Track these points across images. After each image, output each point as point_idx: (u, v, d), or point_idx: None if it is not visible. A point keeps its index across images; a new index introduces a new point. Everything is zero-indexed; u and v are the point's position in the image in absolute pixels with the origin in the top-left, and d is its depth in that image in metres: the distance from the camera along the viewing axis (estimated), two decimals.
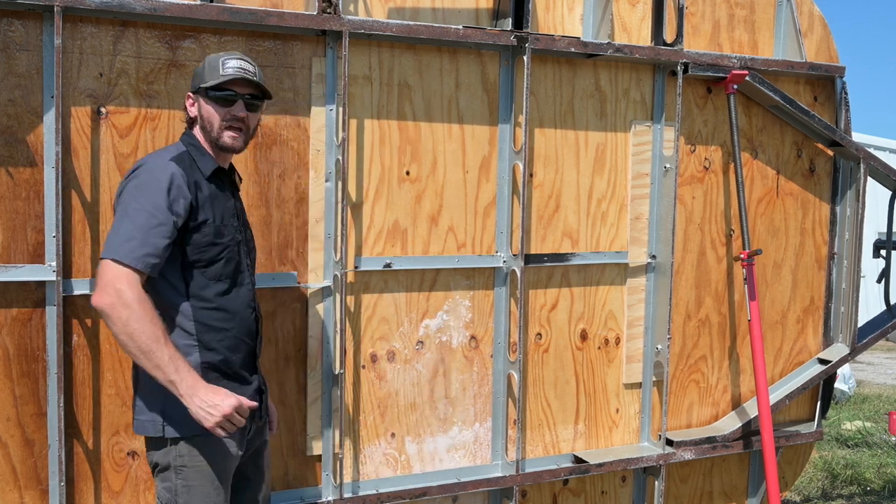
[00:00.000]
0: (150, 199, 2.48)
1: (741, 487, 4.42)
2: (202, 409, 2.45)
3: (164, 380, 2.43)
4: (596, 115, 3.84)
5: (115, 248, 2.44)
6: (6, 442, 2.95)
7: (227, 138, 2.66)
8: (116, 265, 2.42)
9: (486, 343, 3.70)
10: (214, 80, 2.62)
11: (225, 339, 2.64)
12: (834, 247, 4.46)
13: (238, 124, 2.66)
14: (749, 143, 4.21)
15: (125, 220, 2.48)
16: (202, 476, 2.59)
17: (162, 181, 2.51)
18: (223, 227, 2.64)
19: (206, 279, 2.60)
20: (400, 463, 3.58)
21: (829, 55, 4.33)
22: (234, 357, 2.67)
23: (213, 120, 2.65)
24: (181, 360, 2.45)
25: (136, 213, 2.47)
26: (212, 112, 2.65)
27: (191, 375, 2.46)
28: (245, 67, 2.66)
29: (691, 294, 4.13)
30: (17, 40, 2.87)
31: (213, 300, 2.61)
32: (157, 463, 2.62)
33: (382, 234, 3.46)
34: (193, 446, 2.58)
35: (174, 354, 2.43)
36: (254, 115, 2.72)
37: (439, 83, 3.52)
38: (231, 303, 2.66)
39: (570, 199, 3.81)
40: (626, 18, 3.86)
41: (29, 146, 2.90)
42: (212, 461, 2.60)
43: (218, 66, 2.64)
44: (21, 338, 2.94)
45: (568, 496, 3.96)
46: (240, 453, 2.71)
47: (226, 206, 2.69)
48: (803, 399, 4.50)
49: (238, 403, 2.50)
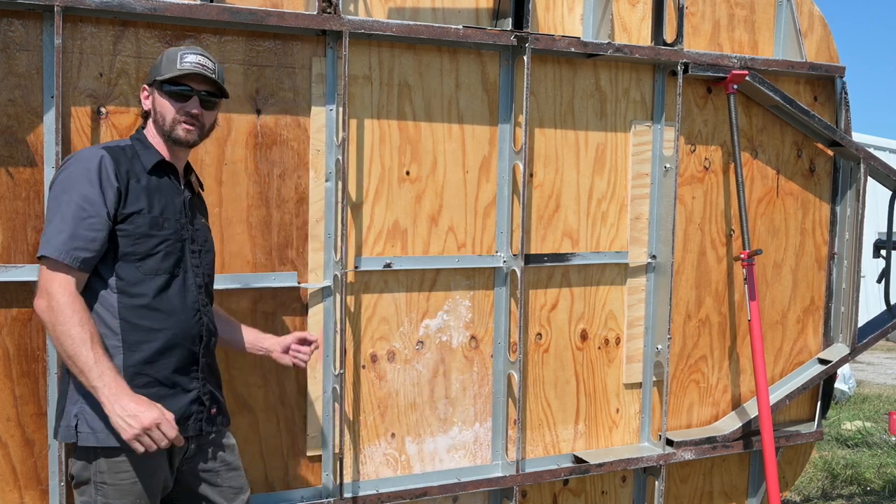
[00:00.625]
0: (79, 191, 2.40)
1: (741, 487, 4.42)
2: (121, 418, 2.31)
3: (88, 385, 2.34)
4: (596, 115, 3.84)
5: (45, 242, 2.38)
6: (6, 442, 2.95)
7: (181, 131, 2.57)
8: (49, 264, 2.36)
9: (486, 343, 3.70)
10: (170, 73, 2.54)
11: (155, 341, 2.49)
12: (834, 247, 4.46)
13: (192, 120, 2.58)
14: (749, 142, 4.21)
15: (56, 214, 2.40)
16: (123, 495, 2.45)
17: (91, 170, 2.42)
18: (163, 219, 2.54)
19: (140, 273, 2.48)
20: (400, 463, 3.58)
21: (830, 55, 4.33)
22: (165, 361, 2.51)
23: (167, 114, 2.57)
24: (107, 365, 2.34)
25: (66, 206, 2.39)
26: (166, 106, 2.56)
27: (115, 382, 2.34)
28: (203, 63, 2.57)
29: (691, 294, 4.13)
30: (17, 40, 2.87)
31: (146, 297, 2.49)
32: (75, 476, 2.50)
33: (382, 234, 3.46)
34: (115, 461, 2.44)
35: (101, 359, 2.33)
36: (209, 113, 2.63)
37: (439, 83, 3.52)
38: (167, 302, 2.52)
39: (570, 199, 3.81)
40: (626, 18, 3.86)
41: (29, 146, 2.90)
42: (135, 478, 2.46)
43: (176, 59, 2.55)
44: (21, 338, 2.94)
45: (568, 496, 3.96)
46: (168, 471, 2.56)
47: (171, 201, 2.59)
48: (803, 399, 4.50)
49: (161, 417, 2.35)
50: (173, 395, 2.54)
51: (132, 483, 2.47)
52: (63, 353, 2.35)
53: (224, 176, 3.18)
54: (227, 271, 3.19)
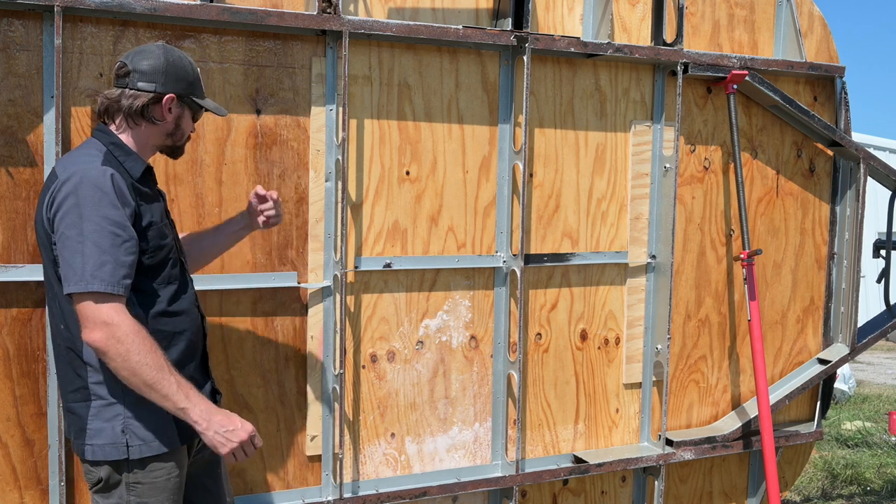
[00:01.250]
0: (104, 215, 2.31)
1: (741, 487, 4.42)
2: (219, 434, 2.39)
3: (174, 409, 2.36)
4: (596, 115, 3.84)
5: (90, 277, 2.28)
6: (6, 442, 2.95)
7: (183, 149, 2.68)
8: (97, 297, 2.28)
9: (486, 343, 3.70)
10: (202, 96, 2.61)
11: (179, 344, 2.53)
12: (834, 247, 4.46)
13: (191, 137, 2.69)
14: (749, 142, 4.21)
15: (86, 243, 2.29)
16: (158, 492, 2.47)
17: (108, 192, 2.33)
18: (163, 226, 2.54)
19: (157, 284, 2.48)
20: (400, 463, 3.58)
21: (829, 55, 4.33)
22: (190, 361, 2.57)
23: (186, 130, 2.62)
24: (188, 385, 2.39)
25: (97, 234, 2.30)
26: (190, 125, 2.62)
27: (201, 400, 2.40)
28: None
29: (691, 294, 4.13)
30: (17, 40, 2.87)
31: (163, 303, 2.50)
32: (104, 479, 2.45)
33: (382, 234, 3.46)
34: (147, 462, 2.46)
35: (180, 381, 2.37)
36: None
37: (439, 83, 3.52)
38: (181, 304, 2.55)
39: (569, 199, 3.82)
40: (625, 18, 3.86)
41: (29, 146, 2.90)
42: (167, 476, 2.49)
43: (200, 79, 2.62)
44: (21, 338, 2.94)
45: (568, 496, 3.96)
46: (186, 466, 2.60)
47: (158, 206, 2.57)
48: (803, 399, 4.50)
49: (253, 430, 2.46)
50: None
51: (166, 479, 2.49)
52: (140, 383, 2.32)
53: (224, 176, 3.18)
54: (227, 271, 3.19)
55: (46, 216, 2.39)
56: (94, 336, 2.30)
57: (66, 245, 2.31)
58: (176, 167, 3.08)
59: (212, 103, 2.66)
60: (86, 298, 2.30)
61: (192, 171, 3.12)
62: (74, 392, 2.47)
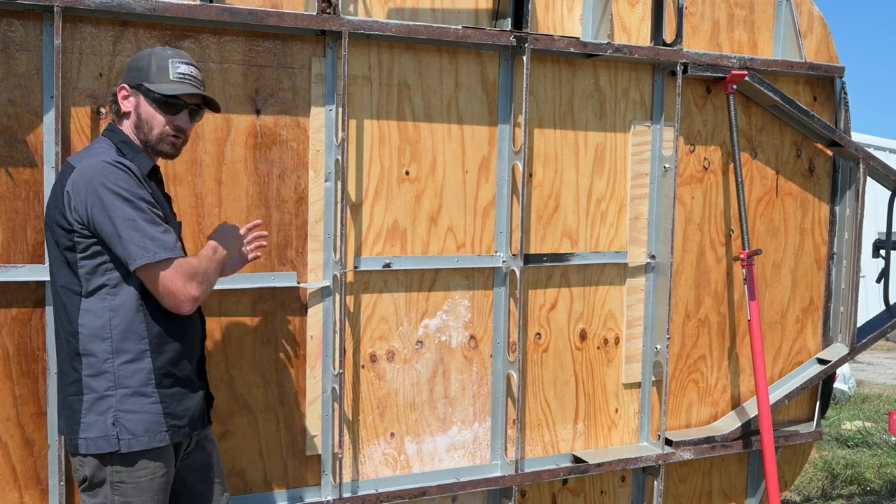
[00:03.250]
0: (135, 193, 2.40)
1: (740, 487, 4.42)
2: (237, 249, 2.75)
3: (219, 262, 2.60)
4: (595, 115, 3.85)
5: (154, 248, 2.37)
6: (6, 442, 2.95)
7: (168, 146, 2.57)
8: (165, 263, 2.39)
9: (485, 343, 3.70)
10: (163, 83, 2.51)
11: (177, 342, 2.53)
12: (833, 247, 4.46)
13: (181, 135, 2.58)
14: (748, 143, 4.21)
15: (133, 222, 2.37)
16: (141, 492, 2.47)
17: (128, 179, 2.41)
18: (171, 224, 2.56)
19: None
20: (399, 463, 3.58)
21: (829, 55, 4.34)
22: (186, 360, 2.57)
23: (154, 125, 2.54)
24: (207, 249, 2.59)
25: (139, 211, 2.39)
26: (154, 115, 2.53)
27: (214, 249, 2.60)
28: (195, 76, 2.56)
29: (690, 294, 4.13)
30: (17, 40, 2.87)
31: None
32: (89, 477, 2.47)
33: (382, 234, 3.47)
34: (133, 460, 2.46)
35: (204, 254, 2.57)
36: (193, 125, 2.64)
37: (439, 83, 3.52)
38: None
39: (569, 199, 3.82)
40: (625, 18, 3.86)
41: (29, 146, 2.91)
42: (152, 476, 2.48)
43: (167, 67, 2.52)
44: (21, 338, 2.94)
45: (567, 496, 3.96)
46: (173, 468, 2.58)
47: (165, 207, 2.60)
48: (802, 399, 4.50)
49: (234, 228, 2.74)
50: (192, 393, 2.59)
51: (150, 479, 2.48)
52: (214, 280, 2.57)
53: (224, 176, 3.18)
54: None
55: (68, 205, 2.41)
56: (191, 293, 2.44)
57: (118, 225, 2.37)
58: (175, 167, 3.08)
59: (170, 86, 2.52)
60: (158, 268, 2.39)
61: (192, 171, 3.13)
62: (69, 385, 2.49)
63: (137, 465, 2.46)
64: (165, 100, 2.52)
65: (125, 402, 2.44)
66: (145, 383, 2.47)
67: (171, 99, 2.53)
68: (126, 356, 2.44)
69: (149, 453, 2.47)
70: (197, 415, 2.62)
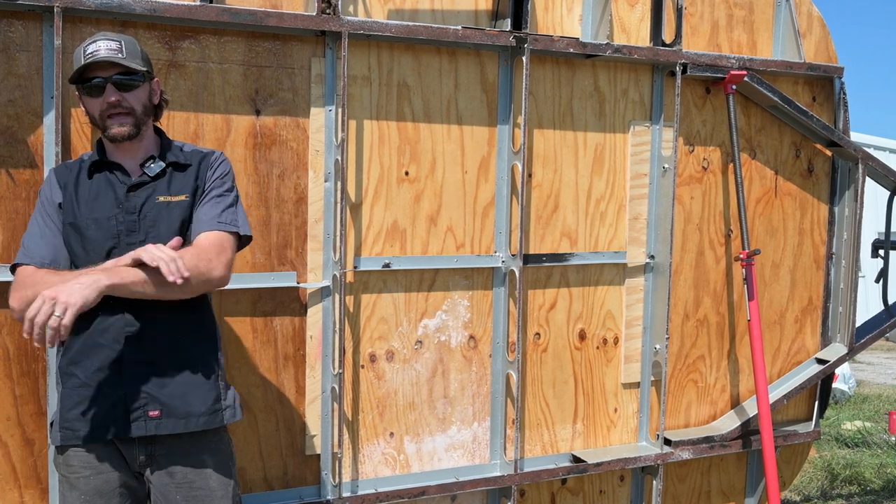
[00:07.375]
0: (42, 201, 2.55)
1: (739, 486, 4.42)
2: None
3: None
4: (594, 115, 3.85)
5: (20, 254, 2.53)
6: (6, 441, 2.96)
7: (114, 128, 2.44)
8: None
9: (484, 343, 3.71)
10: (76, 71, 2.43)
11: (77, 341, 2.42)
12: (832, 247, 4.46)
13: (117, 110, 2.43)
14: (747, 143, 4.21)
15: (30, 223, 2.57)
16: (70, 488, 2.47)
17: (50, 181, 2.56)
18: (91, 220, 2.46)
19: None
20: (399, 462, 3.59)
21: (828, 56, 4.34)
22: (88, 361, 2.41)
23: (94, 112, 2.47)
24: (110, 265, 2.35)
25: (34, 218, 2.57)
26: (89, 104, 2.47)
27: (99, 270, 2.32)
28: (101, 47, 2.40)
29: (689, 294, 4.14)
30: (17, 41, 2.88)
31: None
32: None
33: (381, 234, 3.47)
34: (63, 452, 2.48)
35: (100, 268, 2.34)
36: (134, 94, 2.45)
37: (438, 84, 3.53)
38: None
39: (568, 200, 3.82)
40: (624, 19, 3.86)
41: (29, 146, 2.91)
42: (78, 475, 2.45)
43: (80, 56, 2.42)
44: (21, 338, 2.93)
45: (566, 495, 3.97)
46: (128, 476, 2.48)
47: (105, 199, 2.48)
48: (801, 399, 4.51)
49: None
50: (96, 397, 2.42)
51: (77, 478, 2.48)
52: None
53: None
54: None
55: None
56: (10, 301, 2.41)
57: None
58: None
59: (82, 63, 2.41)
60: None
61: None
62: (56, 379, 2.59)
63: (68, 461, 2.49)
64: (83, 86, 2.45)
65: (61, 396, 2.50)
66: (57, 380, 2.55)
67: (85, 83, 2.43)
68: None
69: (71, 449, 2.47)
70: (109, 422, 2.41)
